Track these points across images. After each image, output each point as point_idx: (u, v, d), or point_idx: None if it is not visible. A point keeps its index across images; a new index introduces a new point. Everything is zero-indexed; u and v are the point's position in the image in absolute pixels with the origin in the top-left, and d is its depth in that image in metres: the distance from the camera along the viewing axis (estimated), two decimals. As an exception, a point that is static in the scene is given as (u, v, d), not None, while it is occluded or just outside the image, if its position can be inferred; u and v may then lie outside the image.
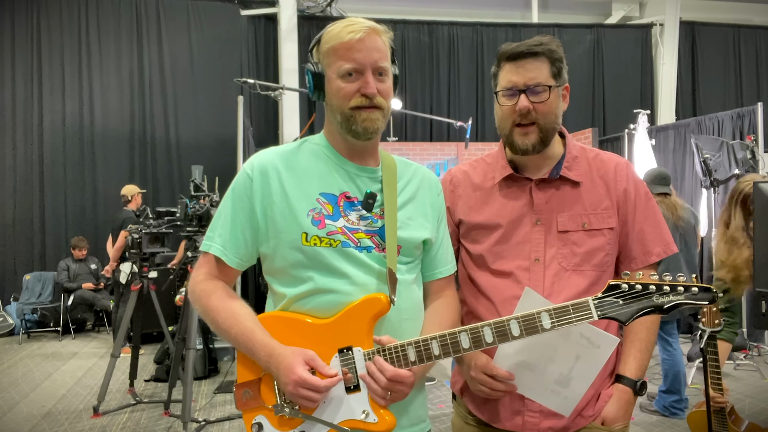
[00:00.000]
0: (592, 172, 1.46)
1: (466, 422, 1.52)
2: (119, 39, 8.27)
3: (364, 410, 1.14)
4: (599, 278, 1.41)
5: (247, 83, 4.94)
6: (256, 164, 1.27)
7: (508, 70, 1.41)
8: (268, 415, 1.17)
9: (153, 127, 8.39)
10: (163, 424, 4.10)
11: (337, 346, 1.19)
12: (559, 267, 1.40)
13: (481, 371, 1.35)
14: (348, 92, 1.21)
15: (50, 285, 7.67)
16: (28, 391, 4.99)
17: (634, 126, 6.98)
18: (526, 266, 1.40)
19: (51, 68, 8.06)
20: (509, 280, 1.41)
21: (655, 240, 1.47)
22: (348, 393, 1.17)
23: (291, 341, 1.20)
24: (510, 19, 9.54)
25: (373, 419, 1.13)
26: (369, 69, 1.20)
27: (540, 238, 1.41)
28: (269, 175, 1.25)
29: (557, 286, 1.38)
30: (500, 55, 1.43)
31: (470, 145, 5.40)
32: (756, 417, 4.09)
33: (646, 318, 1.42)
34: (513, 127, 1.41)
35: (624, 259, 1.47)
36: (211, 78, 8.37)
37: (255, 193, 1.24)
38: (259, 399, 1.18)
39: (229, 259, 1.27)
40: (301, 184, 1.24)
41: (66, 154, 8.07)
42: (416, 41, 9.10)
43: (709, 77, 9.74)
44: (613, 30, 9.68)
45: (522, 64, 1.38)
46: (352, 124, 1.22)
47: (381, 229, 1.25)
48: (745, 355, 5.57)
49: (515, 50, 1.39)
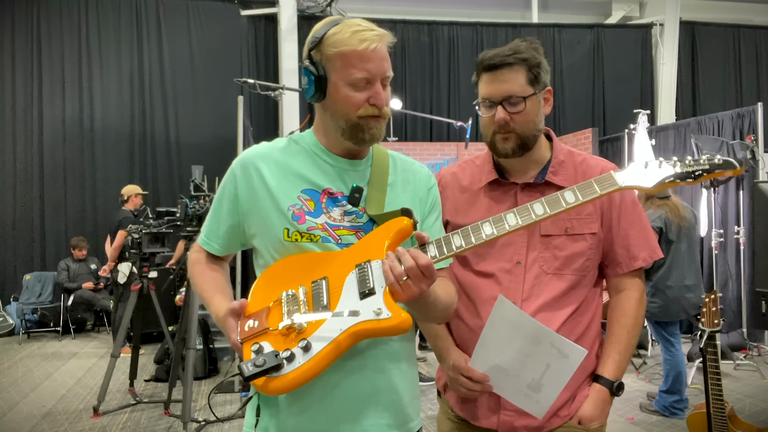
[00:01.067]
0: (578, 176, 1.47)
1: (448, 418, 1.57)
2: (119, 39, 8.28)
3: (376, 309, 1.07)
4: (579, 282, 1.44)
5: (247, 83, 4.94)
6: (240, 161, 1.30)
7: (485, 81, 1.43)
8: (269, 338, 1.10)
9: (153, 127, 8.39)
10: (163, 424, 4.11)
11: (355, 263, 1.17)
12: (539, 270, 1.43)
13: (458, 372, 1.40)
14: (358, 101, 1.20)
15: (50, 285, 7.67)
16: (28, 391, 4.99)
17: (634, 126, 6.98)
18: (508, 269, 1.44)
19: (51, 68, 8.07)
20: (491, 281, 1.45)
21: (641, 245, 1.49)
22: (362, 299, 1.10)
23: (303, 275, 1.19)
24: (510, 19, 9.54)
25: (387, 314, 1.06)
26: (379, 79, 1.20)
27: (523, 241, 1.44)
28: (252, 171, 1.27)
29: (536, 289, 1.42)
30: (477, 64, 1.45)
31: (470, 145, 5.39)
32: (756, 417, 4.10)
33: (628, 322, 1.47)
34: (494, 134, 1.44)
35: (609, 263, 1.50)
36: (211, 78, 8.37)
37: (239, 188, 1.28)
38: (264, 323, 1.13)
39: (211, 246, 1.35)
40: (284, 180, 1.25)
41: (66, 154, 8.08)
42: (416, 41, 9.10)
43: (709, 77, 9.74)
44: (613, 30, 9.68)
45: (497, 75, 1.40)
46: (359, 132, 1.22)
47: (367, 223, 1.25)
48: (745, 355, 5.57)
49: (490, 61, 1.41)
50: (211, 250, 1.35)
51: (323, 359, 1.05)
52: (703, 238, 6.15)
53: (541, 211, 1.17)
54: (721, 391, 2.42)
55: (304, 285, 1.17)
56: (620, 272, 1.49)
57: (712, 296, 2.46)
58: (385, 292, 1.09)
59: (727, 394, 4.22)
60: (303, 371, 1.04)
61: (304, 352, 1.05)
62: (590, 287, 1.48)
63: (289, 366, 1.04)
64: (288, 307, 1.14)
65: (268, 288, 1.22)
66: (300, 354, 1.05)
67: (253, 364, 1.03)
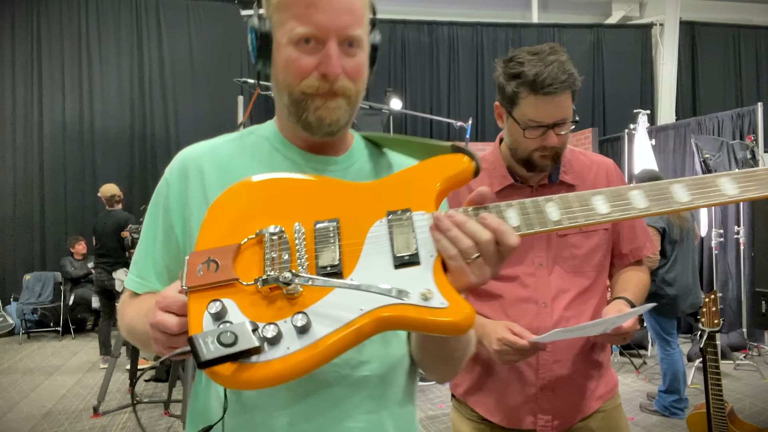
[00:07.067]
0: (583, 173, 1.50)
1: (472, 421, 1.52)
2: (119, 39, 8.28)
3: (425, 290, 0.69)
4: (598, 277, 1.47)
5: (247, 83, 4.94)
6: (176, 163, 0.97)
7: (534, 103, 1.33)
8: (238, 298, 0.70)
9: (153, 126, 8.40)
10: (163, 424, 4.10)
11: (385, 209, 0.77)
12: (561, 270, 1.44)
13: (503, 344, 1.31)
14: (301, 68, 0.86)
15: (50, 285, 7.67)
16: (28, 391, 4.99)
17: (634, 126, 6.98)
18: (530, 271, 1.43)
19: (51, 68, 8.07)
20: (514, 284, 1.44)
21: (645, 236, 1.55)
22: (397, 268, 0.72)
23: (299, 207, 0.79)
24: (510, 19, 9.54)
25: (441, 303, 0.69)
26: (333, 37, 0.84)
27: (541, 243, 1.44)
28: (189, 177, 0.94)
29: (562, 289, 1.43)
30: (525, 82, 1.32)
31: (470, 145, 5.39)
32: (756, 417, 4.09)
33: (640, 279, 1.52)
34: (533, 152, 1.39)
35: (616, 255, 1.54)
36: (211, 78, 8.37)
37: (171, 201, 0.93)
38: (230, 269, 0.72)
39: (150, 287, 0.94)
40: (223, 188, 0.85)
41: (66, 154, 8.08)
42: (416, 41, 9.10)
43: (709, 77, 9.74)
44: (613, 30, 9.67)
45: (552, 99, 1.32)
46: (303, 111, 0.88)
47: None
48: (745, 355, 5.57)
49: (547, 88, 1.30)
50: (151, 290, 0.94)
51: (330, 349, 0.68)
52: (703, 238, 6.15)
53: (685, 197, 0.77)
54: (721, 391, 2.42)
55: (300, 222, 0.77)
56: (625, 263, 1.54)
57: (712, 296, 2.46)
58: (436, 266, 0.72)
59: (727, 394, 4.22)
60: (298, 362, 0.67)
61: (299, 333, 0.67)
62: (605, 279, 1.51)
63: (272, 351, 0.66)
64: (272, 253, 0.74)
65: (235, 218, 0.79)
66: (291, 335, 0.67)
67: (216, 340, 0.64)
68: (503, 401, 1.45)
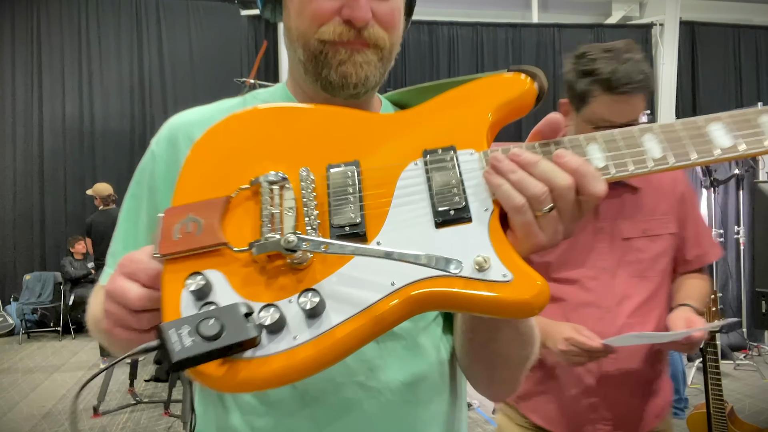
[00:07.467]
0: (649, 176, 1.47)
1: (523, 427, 1.48)
2: (119, 39, 8.28)
3: (479, 258, 0.51)
4: (662, 282, 1.42)
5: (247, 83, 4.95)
6: (164, 132, 0.81)
7: (608, 102, 1.30)
8: (227, 269, 0.53)
9: (153, 127, 8.37)
10: (163, 424, 4.10)
11: (420, 148, 0.59)
12: (625, 274, 1.39)
13: (570, 344, 1.27)
14: (319, 10, 0.69)
15: (50, 285, 7.67)
16: (28, 391, 4.99)
17: (634, 126, 6.98)
18: (593, 275, 1.39)
19: (51, 68, 8.06)
20: (575, 287, 1.39)
21: (710, 242, 1.51)
22: (440, 228, 0.55)
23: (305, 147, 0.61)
24: (510, 19, 9.53)
25: (502, 274, 0.51)
26: None
27: (604, 246, 1.40)
28: (179, 149, 0.77)
29: (627, 293, 1.38)
30: (599, 81, 1.29)
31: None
32: (756, 417, 4.09)
33: (703, 288, 1.47)
34: None
35: (679, 262, 1.48)
36: (211, 78, 8.36)
37: (157, 177, 0.78)
38: (216, 231, 0.54)
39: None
40: None
41: (66, 154, 8.08)
42: (416, 41, 9.09)
43: (709, 77, 9.73)
44: (613, 30, 9.66)
45: (628, 99, 1.30)
46: (322, 67, 0.71)
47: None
48: (745, 355, 5.57)
49: (623, 88, 1.27)
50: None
51: (350, 340, 0.51)
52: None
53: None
54: (721, 391, 2.42)
55: (309, 166, 0.59)
56: (689, 269, 1.49)
57: (712, 296, 2.46)
58: (493, 223, 0.55)
59: (727, 394, 4.21)
60: (307, 357, 0.50)
61: (308, 318, 0.51)
62: (669, 286, 1.46)
63: (272, 343, 0.51)
64: (271, 208, 0.56)
65: (223, 163, 0.61)
66: (298, 320, 0.51)
67: (195, 331, 0.48)
68: (561, 409, 1.39)
